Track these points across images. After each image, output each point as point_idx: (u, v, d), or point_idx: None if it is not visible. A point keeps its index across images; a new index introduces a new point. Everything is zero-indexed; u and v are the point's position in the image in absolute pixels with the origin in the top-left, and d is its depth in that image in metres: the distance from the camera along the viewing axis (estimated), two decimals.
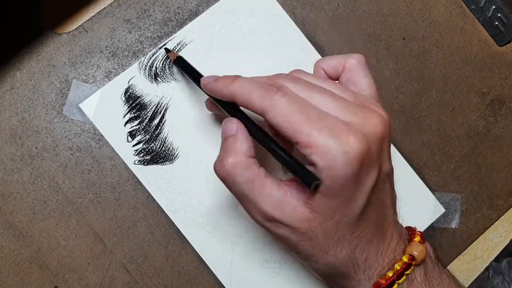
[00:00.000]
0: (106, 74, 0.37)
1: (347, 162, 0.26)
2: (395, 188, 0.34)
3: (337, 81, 0.32)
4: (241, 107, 0.29)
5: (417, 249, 0.30)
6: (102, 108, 0.36)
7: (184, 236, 0.36)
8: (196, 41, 0.37)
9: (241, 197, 0.29)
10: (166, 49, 0.36)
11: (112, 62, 0.37)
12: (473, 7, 0.40)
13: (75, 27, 0.37)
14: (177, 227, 0.36)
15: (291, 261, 0.36)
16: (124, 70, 0.36)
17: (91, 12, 0.37)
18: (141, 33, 0.37)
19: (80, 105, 0.36)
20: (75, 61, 0.37)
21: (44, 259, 0.35)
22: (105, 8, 0.37)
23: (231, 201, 0.36)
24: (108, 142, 0.36)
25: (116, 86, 0.36)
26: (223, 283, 0.36)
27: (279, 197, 0.28)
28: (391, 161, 0.30)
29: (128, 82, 0.36)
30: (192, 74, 0.33)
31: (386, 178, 0.29)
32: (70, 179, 0.36)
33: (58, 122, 0.36)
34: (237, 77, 0.29)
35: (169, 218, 0.36)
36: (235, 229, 0.36)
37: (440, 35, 0.40)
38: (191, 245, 0.36)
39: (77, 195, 0.36)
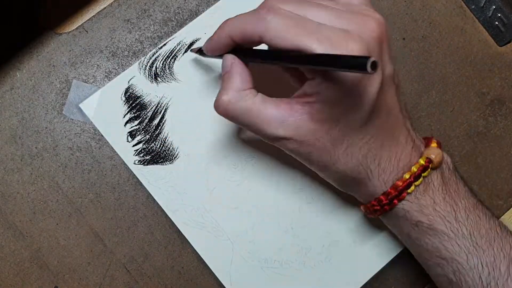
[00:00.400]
0: (106, 74, 0.37)
1: None
2: None
3: None
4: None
5: (434, 152, 0.31)
6: (102, 108, 0.36)
7: (184, 236, 0.36)
8: (201, 41, 0.37)
9: (246, 128, 0.30)
10: (191, 49, 0.36)
11: (112, 62, 0.37)
12: (473, 7, 0.40)
13: (75, 27, 0.37)
14: (177, 227, 0.36)
15: (291, 261, 0.36)
16: (124, 70, 0.36)
17: (91, 12, 0.37)
18: (141, 33, 0.37)
19: (80, 105, 0.36)
20: (75, 61, 0.37)
21: (44, 259, 0.35)
22: (105, 8, 0.37)
23: (231, 201, 0.36)
24: (108, 142, 0.36)
25: (116, 86, 0.36)
26: (223, 283, 0.36)
27: (280, 116, 0.28)
28: (393, 64, 0.29)
29: (128, 82, 0.36)
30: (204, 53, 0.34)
31: (391, 81, 0.29)
32: (70, 179, 0.36)
33: (58, 122, 0.36)
34: (225, 21, 0.30)
35: (169, 218, 0.36)
36: (235, 229, 0.36)
37: (440, 35, 0.40)
38: (191, 245, 0.36)
39: (77, 195, 0.36)
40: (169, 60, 0.36)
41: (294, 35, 0.26)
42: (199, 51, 0.35)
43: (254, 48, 0.30)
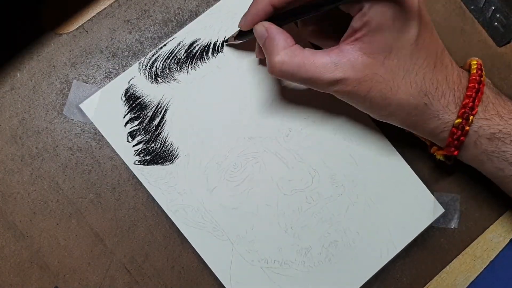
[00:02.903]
0: (106, 74, 0.37)
1: None
2: (393, 189, 0.34)
3: None
4: None
5: (475, 59, 0.34)
6: (103, 109, 0.36)
7: (184, 236, 0.36)
8: (201, 41, 0.37)
9: (304, 82, 0.31)
10: (225, 41, 0.37)
11: (112, 62, 0.37)
12: (472, 7, 0.40)
13: (76, 27, 0.37)
14: (177, 227, 0.36)
15: (291, 261, 0.36)
16: (124, 71, 0.36)
17: (91, 12, 0.37)
18: (141, 33, 0.37)
19: (81, 106, 0.36)
20: (76, 61, 0.37)
21: (44, 259, 0.36)
22: (105, 8, 0.37)
23: (231, 201, 0.36)
24: (108, 142, 0.36)
25: (116, 87, 0.36)
26: (223, 283, 0.36)
27: (334, 60, 0.30)
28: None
29: (129, 82, 0.36)
30: (244, 34, 0.34)
31: (425, 7, 0.31)
32: (70, 179, 0.36)
33: (58, 123, 0.36)
34: None
35: (169, 218, 0.36)
36: (235, 229, 0.36)
37: (439, 35, 0.40)
38: (191, 245, 0.36)
39: (78, 195, 0.36)
40: (169, 60, 0.36)
41: None
42: (239, 36, 0.35)
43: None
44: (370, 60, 0.29)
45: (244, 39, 0.35)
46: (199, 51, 0.37)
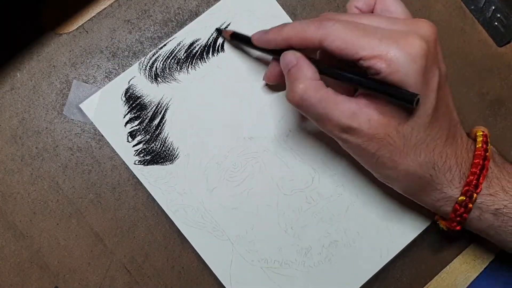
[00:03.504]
0: (106, 74, 0.37)
1: (412, 61, 0.27)
2: (393, 189, 0.34)
3: None
4: None
5: (482, 128, 0.33)
6: (103, 109, 0.36)
7: (184, 236, 0.36)
8: (201, 41, 0.37)
9: (317, 117, 0.30)
10: (217, 29, 0.37)
11: (113, 62, 0.37)
12: (472, 7, 0.40)
13: (76, 27, 0.37)
14: (177, 227, 0.36)
15: (291, 261, 0.36)
16: (124, 71, 0.36)
17: (91, 12, 0.37)
18: (141, 33, 0.37)
19: (81, 106, 0.36)
20: (76, 61, 0.37)
21: (44, 259, 0.36)
22: (105, 8, 0.37)
23: (231, 201, 0.36)
24: (108, 142, 0.36)
25: (117, 87, 0.36)
26: (223, 283, 0.36)
27: (353, 108, 0.29)
28: (444, 65, 0.31)
29: (129, 82, 0.36)
30: (248, 42, 0.34)
31: (445, 79, 0.31)
32: (70, 179, 0.36)
33: (58, 123, 0.36)
34: (285, 23, 0.31)
35: (169, 218, 0.36)
36: (235, 229, 0.36)
37: (439, 35, 0.39)
38: (191, 245, 0.36)
39: (78, 195, 0.36)
40: (169, 60, 0.36)
41: (355, 37, 0.28)
42: (235, 36, 0.35)
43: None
44: (385, 120, 0.29)
45: (239, 44, 0.36)
46: (199, 51, 0.37)
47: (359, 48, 0.28)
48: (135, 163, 0.36)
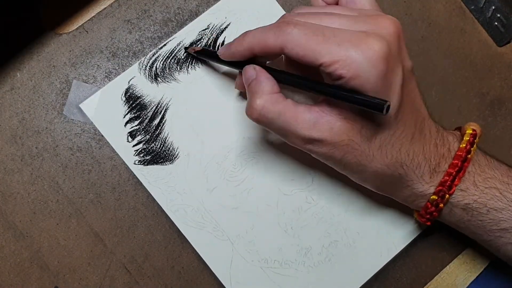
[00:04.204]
0: (106, 74, 0.37)
1: (372, 65, 0.27)
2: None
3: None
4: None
5: (474, 126, 0.33)
6: (103, 108, 0.36)
7: (184, 236, 0.36)
8: (201, 41, 0.37)
9: (278, 131, 0.30)
10: (185, 48, 0.36)
11: (112, 62, 0.37)
12: (472, 7, 0.40)
13: (76, 27, 0.37)
14: (177, 227, 0.36)
15: (291, 261, 0.36)
16: (124, 71, 0.36)
17: (91, 12, 0.37)
18: (141, 33, 0.37)
19: (81, 105, 0.36)
20: (76, 61, 0.37)
21: (44, 259, 0.36)
22: (105, 8, 0.37)
23: (231, 201, 0.36)
24: (108, 142, 0.36)
25: (116, 87, 0.36)
26: (223, 283, 0.36)
27: (313, 118, 0.29)
28: (409, 59, 0.30)
29: (128, 82, 0.36)
30: (215, 57, 0.34)
31: (411, 75, 0.31)
32: (70, 179, 0.36)
33: (58, 122, 0.36)
34: (246, 32, 0.30)
35: (169, 218, 0.36)
36: (235, 229, 0.36)
37: (439, 35, 0.40)
38: (191, 245, 0.36)
39: (77, 195, 0.36)
40: (169, 60, 0.36)
41: (314, 44, 0.27)
42: (201, 52, 0.35)
43: (270, 67, 0.31)
44: (348, 125, 0.29)
45: (206, 59, 0.36)
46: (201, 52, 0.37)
47: (318, 54, 0.27)
48: (135, 163, 0.36)
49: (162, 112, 0.36)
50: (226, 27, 0.37)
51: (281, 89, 0.30)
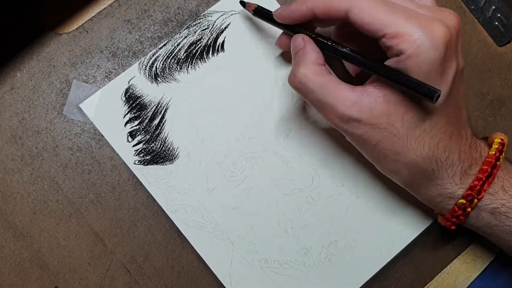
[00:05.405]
0: (106, 74, 0.37)
1: (435, 48, 0.26)
2: (393, 189, 0.34)
3: None
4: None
5: (502, 136, 0.32)
6: (102, 108, 0.36)
7: (184, 236, 0.36)
8: (201, 41, 0.37)
9: (317, 104, 0.30)
10: (241, 2, 0.36)
11: (112, 62, 0.37)
12: (472, 7, 0.40)
13: (76, 27, 0.37)
14: (177, 227, 0.36)
15: (291, 261, 0.36)
16: (124, 70, 0.36)
17: (91, 12, 0.37)
18: (141, 33, 0.37)
19: (81, 105, 0.36)
20: (76, 61, 0.37)
21: (44, 259, 0.36)
22: (105, 8, 0.37)
23: (231, 201, 0.36)
24: (108, 142, 0.36)
25: (116, 86, 0.36)
26: (223, 283, 0.36)
27: (355, 97, 0.28)
28: (463, 59, 0.30)
29: (128, 82, 0.36)
30: (269, 18, 0.33)
31: (461, 75, 0.30)
32: (70, 179, 0.36)
33: (58, 122, 0.36)
34: None
35: (169, 218, 0.36)
36: (235, 229, 0.36)
37: None
38: (191, 245, 0.36)
39: (77, 195, 0.36)
40: (169, 60, 0.36)
41: (382, 13, 0.27)
42: (258, 11, 0.34)
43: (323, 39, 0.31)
44: (390, 109, 0.28)
45: (260, 19, 0.35)
46: (199, 51, 0.37)
47: (384, 24, 0.27)
48: (135, 163, 0.36)
49: (162, 112, 0.36)
50: (226, 27, 0.37)
51: (325, 63, 0.30)
